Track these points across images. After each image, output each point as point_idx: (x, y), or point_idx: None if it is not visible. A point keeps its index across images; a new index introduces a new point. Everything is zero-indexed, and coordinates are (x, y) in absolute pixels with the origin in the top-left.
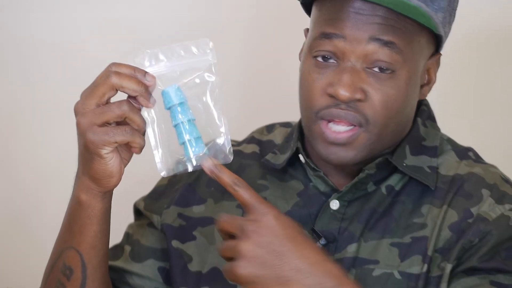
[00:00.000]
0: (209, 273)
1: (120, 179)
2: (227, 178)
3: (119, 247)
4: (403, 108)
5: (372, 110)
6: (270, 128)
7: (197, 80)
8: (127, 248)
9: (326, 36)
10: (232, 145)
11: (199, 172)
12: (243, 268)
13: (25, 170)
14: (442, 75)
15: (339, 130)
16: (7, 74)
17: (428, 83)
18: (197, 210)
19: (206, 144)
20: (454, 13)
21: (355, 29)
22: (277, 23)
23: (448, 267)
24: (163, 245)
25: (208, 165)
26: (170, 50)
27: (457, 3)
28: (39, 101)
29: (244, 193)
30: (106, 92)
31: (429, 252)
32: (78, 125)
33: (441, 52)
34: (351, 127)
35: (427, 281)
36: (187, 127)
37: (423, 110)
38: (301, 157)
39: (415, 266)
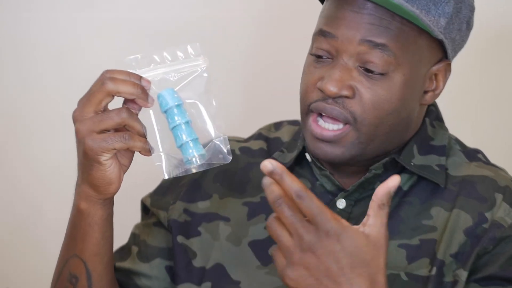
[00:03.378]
0: (212, 268)
1: (119, 185)
2: (290, 185)
3: (126, 248)
4: (397, 111)
5: (361, 108)
6: (278, 125)
7: (191, 83)
8: (134, 248)
9: (322, 33)
10: (239, 142)
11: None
12: (294, 282)
13: (23, 171)
14: None
15: (327, 127)
16: (4, 75)
17: (434, 90)
18: (202, 206)
19: (204, 145)
20: (468, 21)
21: (348, 29)
22: (282, 21)
23: (464, 274)
24: (169, 243)
25: (268, 168)
26: (161, 55)
27: (470, 11)
28: (36, 102)
29: (308, 204)
30: (103, 98)
31: (440, 256)
32: (77, 132)
33: (453, 59)
34: (340, 125)
35: (440, 285)
36: (184, 129)
37: (431, 111)
38: (308, 156)
39: (423, 268)
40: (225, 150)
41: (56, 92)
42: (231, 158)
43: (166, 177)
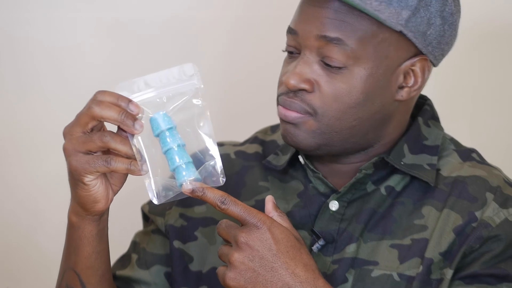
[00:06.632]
0: (208, 272)
1: (106, 204)
2: (212, 197)
3: (126, 256)
4: (362, 105)
5: (320, 101)
6: (274, 128)
7: (185, 105)
8: (134, 256)
9: (289, 31)
10: (234, 146)
11: None
12: (233, 280)
13: (22, 174)
14: (441, 74)
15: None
16: (3, 75)
17: (412, 86)
18: (198, 210)
19: (197, 168)
20: (443, 16)
21: (305, 24)
22: (267, 22)
23: (449, 272)
24: (168, 250)
25: (188, 188)
26: (155, 77)
27: (443, 5)
28: (35, 103)
29: (234, 208)
30: (88, 121)
31: (428, 255)
32: (64, 149)
33: (443, 57)
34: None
35: (426, 282)
36: (177, 152)
37: (425, 110)
38: (301, 159)
39: (414, 268)
40: (219, 172)
41: (55, 93)
42: (224, 180)
43: (156, 202)
